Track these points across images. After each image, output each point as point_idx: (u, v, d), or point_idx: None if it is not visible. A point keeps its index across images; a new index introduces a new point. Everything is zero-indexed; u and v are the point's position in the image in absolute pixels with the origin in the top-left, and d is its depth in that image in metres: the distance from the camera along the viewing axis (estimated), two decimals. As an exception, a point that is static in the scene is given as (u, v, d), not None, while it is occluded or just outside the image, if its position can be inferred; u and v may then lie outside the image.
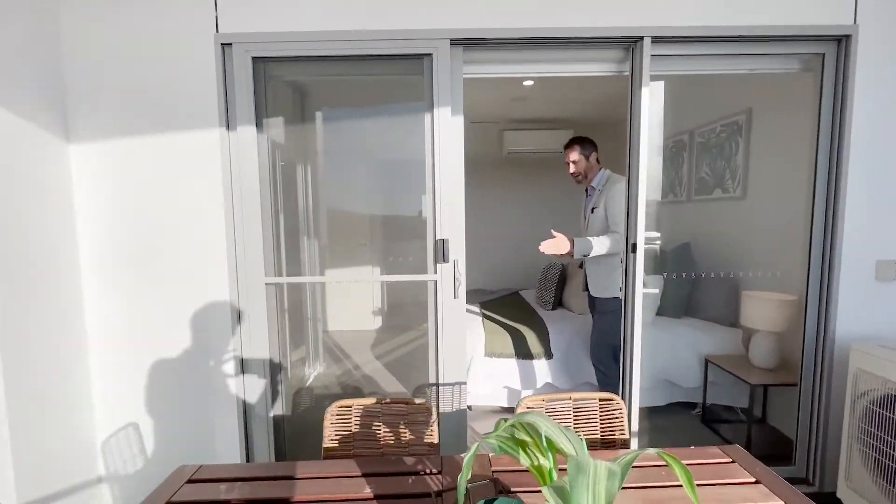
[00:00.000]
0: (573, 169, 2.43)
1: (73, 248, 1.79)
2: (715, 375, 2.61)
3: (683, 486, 0.56)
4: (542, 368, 2.68)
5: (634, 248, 1.88)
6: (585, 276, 2.44)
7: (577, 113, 4.25)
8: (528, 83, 3.41)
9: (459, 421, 1.94)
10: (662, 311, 2.97)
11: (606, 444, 1.21)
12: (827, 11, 1.77)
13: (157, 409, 1.91)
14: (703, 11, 1.78)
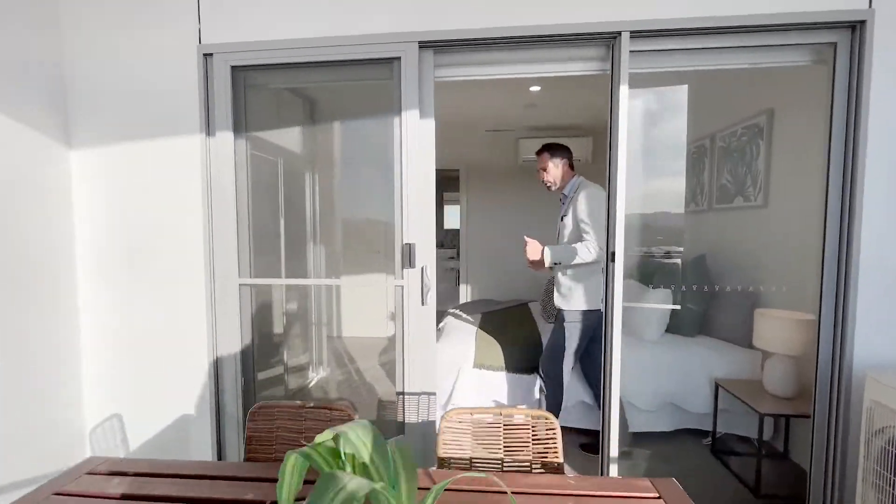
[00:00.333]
0: (544, 177, 2.35)
1: (69, 247, 1.93)
2: (727, 401, 2.35)
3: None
4: (532, 384, 2.55)
5: (614, 256, 1.74)
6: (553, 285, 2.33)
7: (590, 119, 4.10)
8: (534, 89, 3.32)
9: (427, 432, 1.87)
10: (675, 328, 2.75)
11: (544, 466, 1.10)
12: (837, -5, 1.59)
13: (139, 402, 1.99)
14: (691, 3, 1.65)
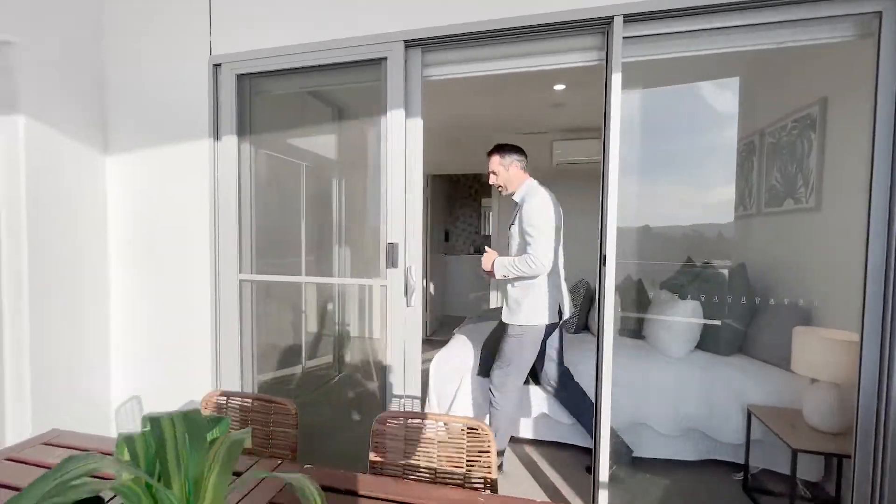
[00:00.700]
0: (492, 180, 2.17)
1: (102, 245, 2.15)
2: (761, 432, 2.05)
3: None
4: (539, 397, 2.40)
5: (605, 260, 1.59)
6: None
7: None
8: (558, 87, 3.18)
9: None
10: (708, 345, 2.46)
11: (475, 480, 1.02)
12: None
13: (156, 385, 2.16)
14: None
